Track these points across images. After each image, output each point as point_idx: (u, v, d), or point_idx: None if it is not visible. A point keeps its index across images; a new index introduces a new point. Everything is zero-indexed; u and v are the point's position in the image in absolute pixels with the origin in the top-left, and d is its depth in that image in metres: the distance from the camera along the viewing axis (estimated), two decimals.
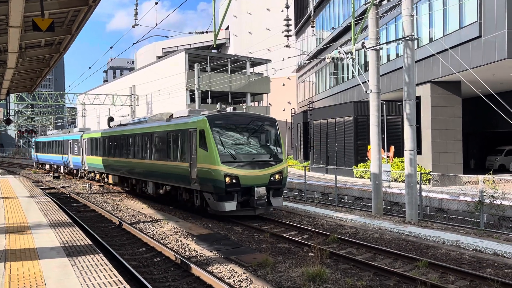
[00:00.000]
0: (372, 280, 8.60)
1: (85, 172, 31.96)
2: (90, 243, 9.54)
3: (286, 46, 23.48)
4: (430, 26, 25.84)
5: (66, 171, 37.69)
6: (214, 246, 11.62)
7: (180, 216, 16.51)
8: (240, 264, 9.84)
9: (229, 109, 16.73)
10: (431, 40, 25.71)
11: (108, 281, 6.74)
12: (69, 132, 38.06)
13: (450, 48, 20.61)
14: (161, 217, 16.18)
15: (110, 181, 25.45)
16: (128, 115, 49.54)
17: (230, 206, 14.34)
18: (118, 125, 26.20)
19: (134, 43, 26.62)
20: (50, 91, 63.96)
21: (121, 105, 49.38)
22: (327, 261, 9.38)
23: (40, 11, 8.65)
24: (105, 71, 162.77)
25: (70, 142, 34.15)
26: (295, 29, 52.81)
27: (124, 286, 6.54)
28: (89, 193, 24.62)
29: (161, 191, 18.69)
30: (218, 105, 17.16)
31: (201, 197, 15.62)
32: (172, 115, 19.29)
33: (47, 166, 44.72)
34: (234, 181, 14.22)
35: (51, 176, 36.89)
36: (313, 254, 9.37)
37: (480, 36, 21.67)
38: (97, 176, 29.26)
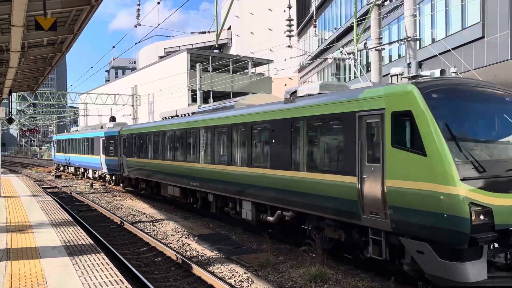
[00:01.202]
0: (373, 281, 8.59)
1: (124, 179, 24.51)
2: (92, 242, 9.55)
3: (288, 46, 23.48)
4: (432, 26, 25.82)
5: (97, 176, 30.61)
6: (215, 246, 11.61)
7: (181, 216, 16.51)
8: (241, 264, 9.83)
9: (436, 73, 9.24)
10: (433, 40, 25.67)
11: (109, 281, 6.74)
12: (101, 127, 30.32)
13: (453, 49, 20.57)
14: (162, 217, 16.18)
15: (168, 194, 18.33)
16: (130, 115, 49.62)
17: (477, 270, 6.96)
18: (173, 116, 19.24)
19: (136, 43, 26.82)
20: (52, 91, 64.06)
21: (123, 105, 49.43)
22: (328, 261, 9.36)
23: (43, 11, 8.66)
24: (107, 71, 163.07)
25: (103, 140, 27.24)
26: (297, 29, 52.78)
27: (126, 286, 6.54)
28: (90, 193, 24.64)
29: (270, 217, 11.70)
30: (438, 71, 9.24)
31: (390, 245, 8.17)
32: (294, 92, 11.35)
33: (71, 169, 38.01)
34: (484, 218, 6.96)
35: (53, 175, 36.91)
36: (314, 255, 9.35)
37: (482, 37, 21.62)
38: (141, 185, 21.92)
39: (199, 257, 10.59)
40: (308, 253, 9.93)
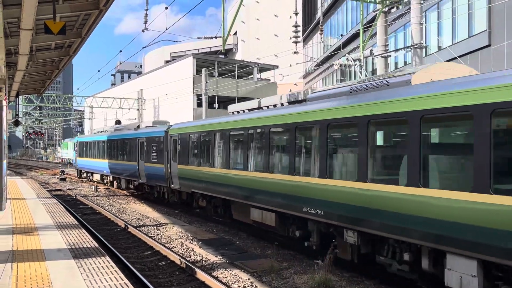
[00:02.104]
0: None
1: (172, 192, 19.19)
2: (96, 245, 9.58)
3: (294, 52, 23.54)
4: (438, 34, 25.81)
5: (132, 186, 24.45)
6: (219, 251, 11.60)
7: (185, 221, 16.52)
8: (245, 269, 9.82)
9: None
10: (439, 48, 25.66)
11: (114, 284, 6.75)
12: (138, 126, 24.39)
13: (459, 56, 20.55)
14: (166, 221, 16.19)
15: (250, 219, 12.63)
16: (135, 119, 49.81)
17: None
18: (251, 110, 13.73)
19: (143, 47, 26.85)
20: (58, 94, 64.45)
21: (129, 109, 49.65)
22: (332, 268, 9.33)
23: (52, 14, 8.75)
24: (113, 75, 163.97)
25: (142, 142, 21.81)
26: (303, 35, 52.91)
27: None
28: (95, 196, 24.71)
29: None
30: None
31: None
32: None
33: (96, 176, 31.26)
34: None
35: (58, 178, 37.06)
36: (320, 262, 9.33)
37: (489, 45, 21.61)
38: (200, 203, 16.31)
39: (203, 262, 10.58)
40: (312, 260, 9.90)
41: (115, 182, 27.33)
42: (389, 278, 8.82)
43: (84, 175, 35.25)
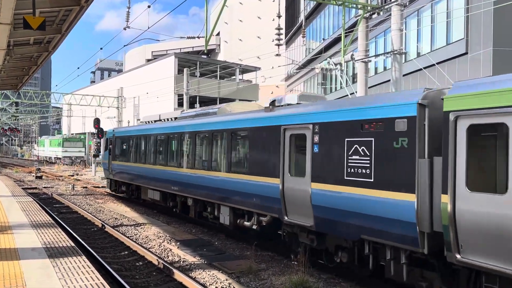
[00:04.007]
0: None
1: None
2: (73, 244, 9.44)
3: (277, 55, 23.64)
4: (418, 41, 26.29)
5: (256, 228, 11.47)
6: (197, 252, 11.57)
7: (164, 221, 16.40)
8: (223, 270, 9.82)
9: None
10: (418, 55, 26.14)
11: (90, 284, 6.67)
12: (273, 104, 11.30)
13: (437, 63, 20.98)
14: (144, 221, 16.05)
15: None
16: (114, 117, 49.18)
17: None
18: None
19: (124, 45, 26.55)
20: (36, 90, 63.19)
21: (108, 107, 48.99)
22: (310, 270, 9.41)
23: (32, 9, 8.60)
24: (93, 72, 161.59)
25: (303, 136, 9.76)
26: (285, 38, 53.17)
27: None
28: (71, 195, 24.31)
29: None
30: None
31: None
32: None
33: (153, 194, 17.39)
34: None
35: (34, 176, 36.33)
36: (296, 263, 9.39)
37: (466, 53, 22.12)
38: None
39: (181, 262, 10.54)
40: (290, 261, 9.97)
41: (192, 208, 14.85)
42: (365, 280, 8.94)
43: (123, 189, 21.57)
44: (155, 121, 18.89)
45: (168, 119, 17.95)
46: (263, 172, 10.70)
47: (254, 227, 11.44)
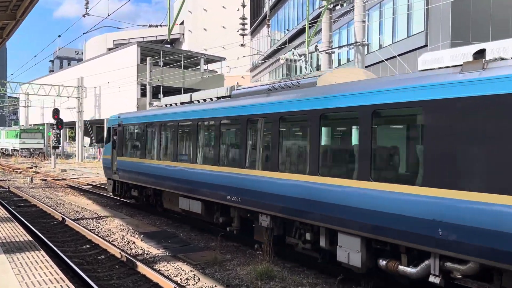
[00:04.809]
0: (317, 278, 8.80)
1: None
2: (30, 239, 9.13)
3: (241, 45, 23.55)
4: (380, 33, 26.80)
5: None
6: (162, 244, 11.44)
7: (127, 214, 16.12)
8: (188, 262, 9.76)
9: None
10: (380, 46, 26.66)
11: (49, 279, 6.47)
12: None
13: (399, 55, 21.47)
14: (107, 214, 15.73)
15: None
16: (75, 108, 47.78)
17: None
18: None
19: (84, 33, 25.67)
20: None
21: (68, 97, 47.51)
22: (275, 259, 9.49)
23: None
24: (52, 61, 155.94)
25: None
26: (250, 28, 53.00)
27: (66, 284, 6.31)
28: (30, 187, 23.50)
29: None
30: None
31: None
32: None
33: (186, 204, 12.71)
34: None
35: None
36: (261, 253, 9.45)
37: (426, 46, 22.73)
38: None
39: (145, 255, 10.40)
40: (256, 251, 10.02)
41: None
42: (329, 268, 9.10)
43: (134, 194, 16.50)
44: (181, 103, 14.29)
45: (206, 100, 12.94)
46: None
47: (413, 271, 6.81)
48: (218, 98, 12.33)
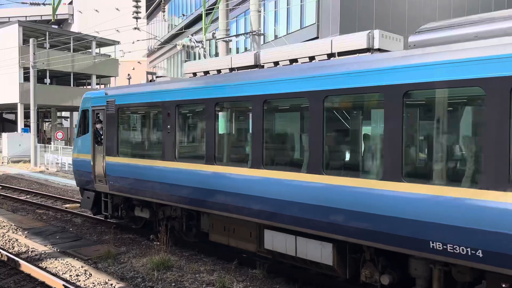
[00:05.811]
0: (215, 264, 8.90)
1: None
2: None
3: (135, 28, 22.59)
4: (275, 23, 27.55)
5: None
6: (49, 240, 10.69)
7: (8, 209, 14.75)
8: (78, 257, 9.25)
9: None
10: (276, 37, 27.42)
11: None
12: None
13: None
14: None
15: None
16: None
17: None
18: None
19: None
20: None
21: None
22: (172, 249, 9.39)
23: None
24: None
25: None
26: (146, 12, 51.10)
27: None
28: None
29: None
30: None
31: None
32: None
33: (283, 243, 7.37)
34: None
35: None
36: (158, 243, 9.28)
37: (317, 37, 23.86)
38: None
39: (29, 253, 9.62)
40: (152, 241, 9.82)
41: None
42: (224, 255, 9.25)
43: (139, 214, 10.90)
44: (204, 72, 9.35)
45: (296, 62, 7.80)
46: None
47: None
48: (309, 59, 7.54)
